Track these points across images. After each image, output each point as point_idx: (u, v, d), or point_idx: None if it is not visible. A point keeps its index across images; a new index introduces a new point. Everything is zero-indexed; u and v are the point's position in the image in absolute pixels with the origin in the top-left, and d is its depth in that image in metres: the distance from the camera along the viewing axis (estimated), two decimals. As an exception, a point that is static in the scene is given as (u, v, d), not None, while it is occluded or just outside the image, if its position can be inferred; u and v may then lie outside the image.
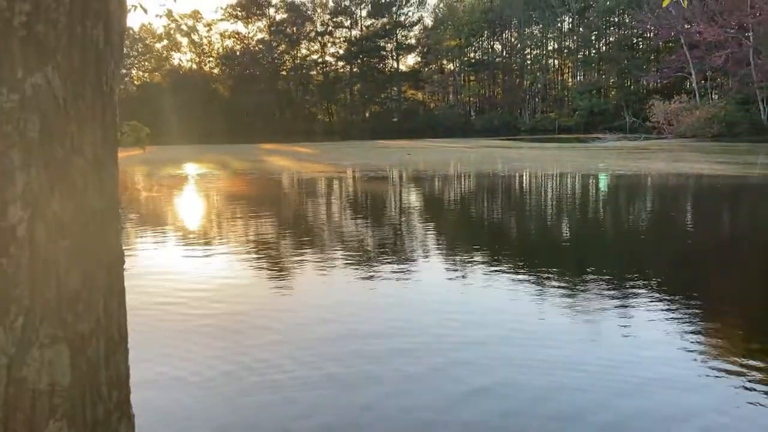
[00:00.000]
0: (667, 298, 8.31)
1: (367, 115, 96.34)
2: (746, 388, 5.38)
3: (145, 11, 5.63)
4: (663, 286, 8.88)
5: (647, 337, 6.81)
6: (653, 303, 8.01)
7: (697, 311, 7.80)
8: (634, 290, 8.70)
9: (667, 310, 7.75)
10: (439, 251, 12.09)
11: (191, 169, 32.99)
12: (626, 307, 7.91)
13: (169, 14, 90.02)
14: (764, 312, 8.05)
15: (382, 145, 53.82)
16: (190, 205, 19.80)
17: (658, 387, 5.40)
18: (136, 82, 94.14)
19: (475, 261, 10.80)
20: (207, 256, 11.34)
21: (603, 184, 24.14)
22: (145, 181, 27.96)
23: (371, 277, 9.65)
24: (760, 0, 56.38)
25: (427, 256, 11.42)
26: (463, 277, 9.70)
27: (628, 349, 6.43)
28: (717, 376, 5.67)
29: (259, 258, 11.14)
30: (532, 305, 8.02)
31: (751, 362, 6.01)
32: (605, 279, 9.36)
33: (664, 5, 7.51)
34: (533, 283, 9.14)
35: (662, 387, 5.40)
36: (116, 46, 2.10)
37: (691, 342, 6.60)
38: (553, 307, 7.93)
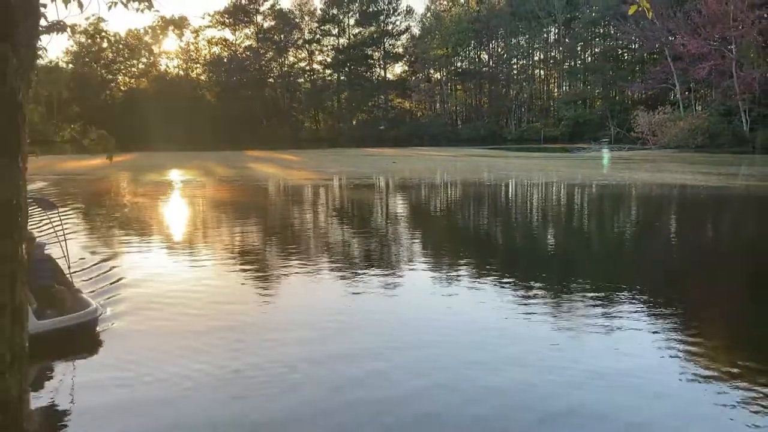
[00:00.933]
0: (650, 306, 8.36)
1: (354, 122, 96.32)
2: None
3: (125, 5, 5.50)
4: (645, 294, 8.93)
5: (624, 337, 6.87)
6: (635, 310, 8.05)
7: (678, 317, 7.86)
8: (617, 298, 8.74)
9: (650, 317, 7.80)
10: (424, 259, 12.09)
11: (176, 175, 32.83)
12: (609, 316, 7.95)
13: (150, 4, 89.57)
14: (744, 312, 8.14)
15: (369, 152, 53.89)
16: (172, 213, 19.68)
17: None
18: (122, 87, 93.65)
19: (460, 268, 10.81)
20: (190, 263, 11.27)
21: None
22: (129, 188, 27.77)
23: (353, 282, 9.64)
24: (742, 13, 57.19)
25: (412, 265, 11.41)
26: (448, 283, 9.71)
27: (610, 354, 6.47)
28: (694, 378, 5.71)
29: (243, 267, 11.08)
30: (516, 308, 8.04)
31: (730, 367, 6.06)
32: (588, 287, 9.39)
33: (648, 17, 7.58)
34: (519, 288, 9.17)
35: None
36: (19, 43, 2.02)
37: (673, 342, 6.66)
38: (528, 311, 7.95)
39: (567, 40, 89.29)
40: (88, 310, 7.07)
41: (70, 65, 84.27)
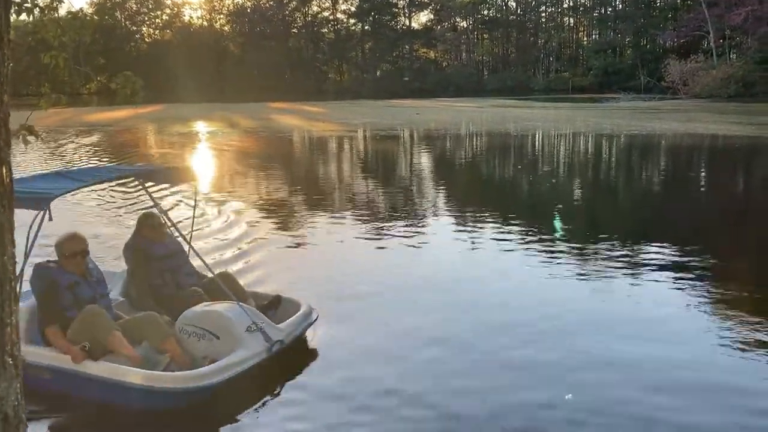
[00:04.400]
0: (677, 257, 8.28)
1: (378, 74, 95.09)
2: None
3: None
4: (672, 246, 8.82)
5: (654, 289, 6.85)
6: (662, 263, 7.99)
7: (705, 269, 7.79)
8: (644, 250, 8.67)
9: (676, 268, 7.73)
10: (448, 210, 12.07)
11: (201, 127, 32.90)
12: (635, 267, 7.90)
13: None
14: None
15: (393, 104, 53.37)
16: (201, 162, 19.79)
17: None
18: (146, 39, 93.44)
19: (486, 220, 10.78)
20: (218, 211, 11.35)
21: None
22: (156, 139, 27.95)
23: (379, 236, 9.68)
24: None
25: (436, 215, 11.41)
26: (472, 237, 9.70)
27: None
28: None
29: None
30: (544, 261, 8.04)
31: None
32: (615, 238, 9.31)
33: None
34: (545, 241, 9.14)
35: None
36: None
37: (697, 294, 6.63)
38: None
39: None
40: (307, 311, 5.63)
41: (95, 17, 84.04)
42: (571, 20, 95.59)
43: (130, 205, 11.89)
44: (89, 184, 5.33)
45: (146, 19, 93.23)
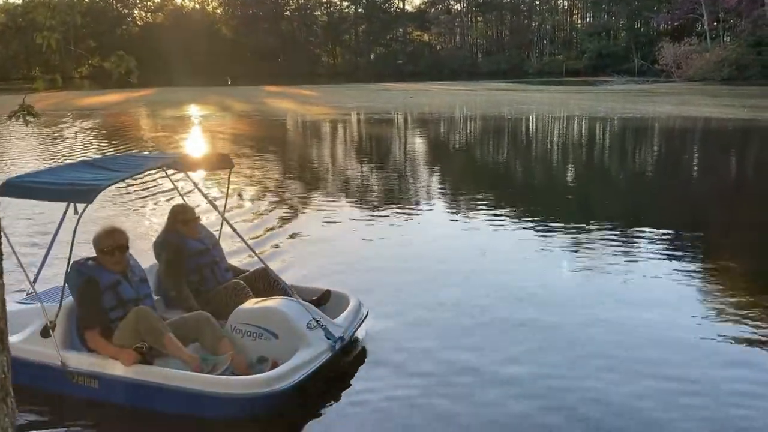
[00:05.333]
0: (669, 240, 8.38)
1: (371, 57, 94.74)
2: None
3: None
4: (665, 228, 8.91)
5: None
6: (655, 246, 8.08)
7: (696, 248, 7.89)
8: (636, 233, 8.76)
9: (669, 250, 7.83)
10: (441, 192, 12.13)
11: (194, 111, 32.75)
12: (628, 248, 7.99)
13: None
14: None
15: (387, 87, 53.21)
16: (192, 146, 19.75)
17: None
18: (138, 22, 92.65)
19: (479, 203, 10.84)
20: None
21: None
22: (149, 123, 27.84)
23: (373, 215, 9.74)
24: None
25: (430, 199, 11.47)
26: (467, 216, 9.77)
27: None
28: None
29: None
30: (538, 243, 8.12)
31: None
32: (608, 221, 9.40)
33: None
34: (538, 223, 9.22)
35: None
36: None
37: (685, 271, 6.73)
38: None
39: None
40: (357, 305, 5.27)
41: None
42: (565, 3, 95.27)
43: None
44: (131, 175, 4.90)
45: (138, 1, 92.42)
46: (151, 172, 5.80)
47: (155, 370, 4.18)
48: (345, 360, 4.88)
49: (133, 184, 11.70)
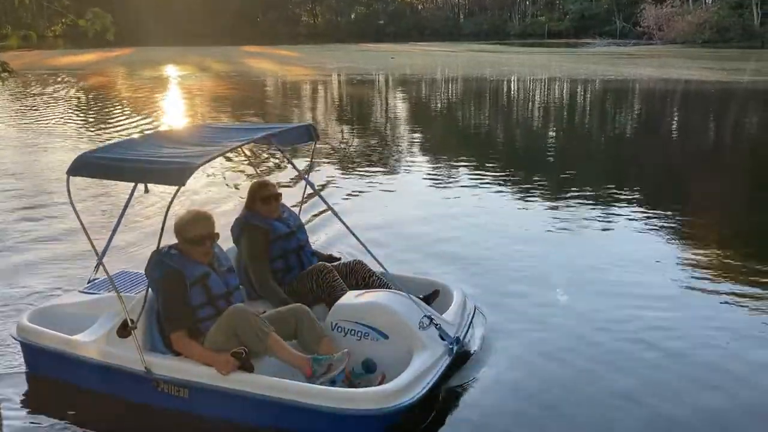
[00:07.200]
0: (647, 202, 8.51)
1: (352, 17, 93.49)
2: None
3: None
4: (643, 191, 9.04)
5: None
6: (633, 208, 8.21)
7: (674, 211, 8.04)
8: (615, 196, 8.89)
9: (647, 213, 7.96)
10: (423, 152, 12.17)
11: (172, 71, 32.21)
12: (605, 211, 8.12)
13: None
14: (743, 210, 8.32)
15: (368, 48, 52.66)
16: (173, 107, 19.50)
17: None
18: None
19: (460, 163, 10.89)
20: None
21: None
22: (127, 84, 27.37)
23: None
24: None
25: (412, 159, 11.51)
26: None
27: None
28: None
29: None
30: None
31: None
32: (586, 183, 9.51)
33: None
34: (517, 186, 9.31)
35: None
36: None
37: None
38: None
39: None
40: (462, 298, 4.58)
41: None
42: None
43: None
44: (222, 152, 3.88)
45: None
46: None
47: (259, 380, 3.54)
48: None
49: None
